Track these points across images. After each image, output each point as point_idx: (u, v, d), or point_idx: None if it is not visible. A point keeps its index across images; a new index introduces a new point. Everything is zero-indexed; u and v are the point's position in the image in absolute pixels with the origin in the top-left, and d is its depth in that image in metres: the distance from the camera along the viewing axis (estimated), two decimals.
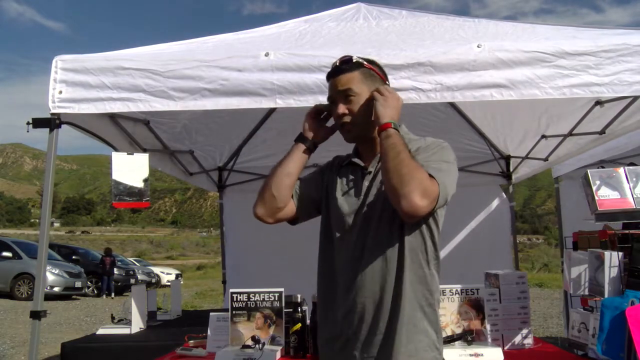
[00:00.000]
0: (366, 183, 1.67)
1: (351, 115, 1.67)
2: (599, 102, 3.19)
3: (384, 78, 1.74)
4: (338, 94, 1.68)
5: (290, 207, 1.74)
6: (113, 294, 17.43)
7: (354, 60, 1.68)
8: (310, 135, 1.77)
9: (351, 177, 1.72)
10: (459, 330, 2.53)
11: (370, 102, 1.65)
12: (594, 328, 2.18)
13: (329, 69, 1.74)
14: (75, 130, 2.84)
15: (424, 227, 1.59)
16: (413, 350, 1.53)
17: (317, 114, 1.81)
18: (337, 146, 1.83)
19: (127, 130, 3.40)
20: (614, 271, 2.14)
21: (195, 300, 15.29)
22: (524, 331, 2.65)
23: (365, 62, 1.69)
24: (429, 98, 2.47)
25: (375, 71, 1.71)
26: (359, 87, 1.66)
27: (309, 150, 1.77)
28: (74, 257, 18.67)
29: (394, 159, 1.49)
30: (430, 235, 1.60)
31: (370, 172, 1.67)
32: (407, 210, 1.44)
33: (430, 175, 1.48)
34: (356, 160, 1.73)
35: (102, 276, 17.83)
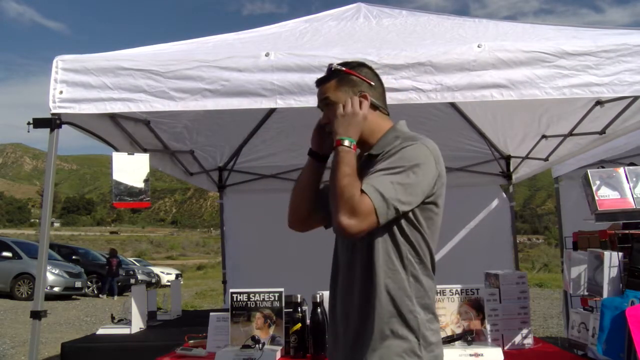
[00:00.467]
0: None
1: (331, 124, 1.65)
2: (599, 102, 3.19)
3: (368, 81, 1.66)
4: (320, 104, 1.70)
5: (317, 216, 1.76)
6: (116, 296, 17.38)
7: (332, 69, 1.66)
8: (316, 148, 1.77)
9: None
10: (459, 330, 2.54)
11: None
12: (594, 328, 2.18)
13: None
14: (75, 130, 2.84)
15: (395, 229, 1.52)
16: (385, 355, 1.50)
17: (321, 126, 1.81)
18: None
19: (127, 130, 3.41)
20: (614, 271, 2.14)
21: (195, 300, 15.29)
22: (524, 331, 2.65)
23: (343, 68, 1.65)
24: (429, 98, 2.47)
25: (358, 76, 1.65)
26: (335, 95, 1.64)
27: (320, 162, 1.77)
28: (74, 257, 18.65)
29: (332, 178, 1.50)
30: (405, 239, 1.53)
31: None
32: (337, 230, 1.45)
33: (363, 191, 1.42)
34: None
35: (106, 277, 17.74)
